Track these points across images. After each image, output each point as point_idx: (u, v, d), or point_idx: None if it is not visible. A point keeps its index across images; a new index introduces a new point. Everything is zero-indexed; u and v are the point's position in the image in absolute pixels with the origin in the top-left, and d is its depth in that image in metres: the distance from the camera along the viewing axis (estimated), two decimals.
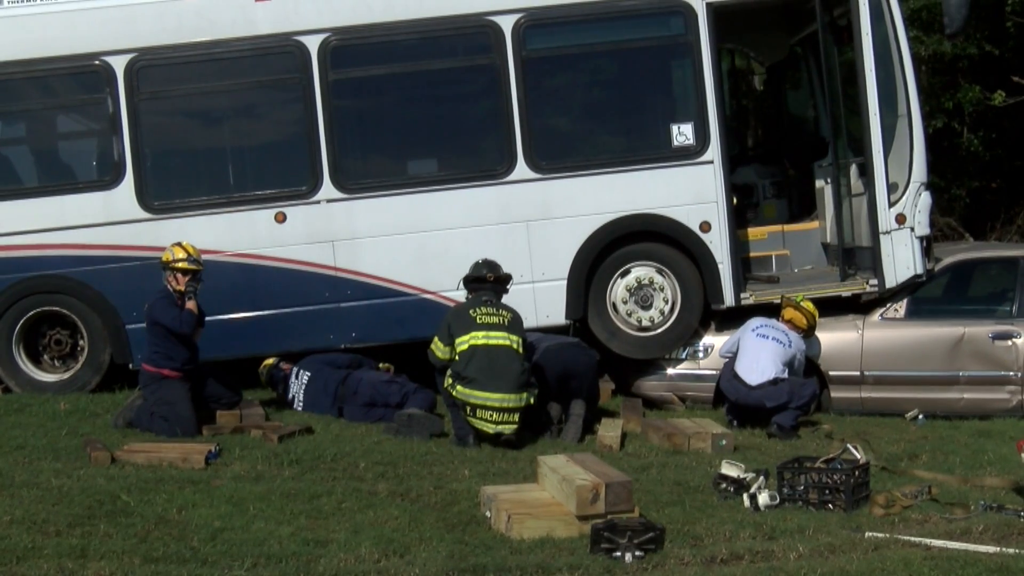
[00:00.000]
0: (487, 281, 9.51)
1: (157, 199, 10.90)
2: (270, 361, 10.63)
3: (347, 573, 6.07)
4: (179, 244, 9.74)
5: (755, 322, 10.33)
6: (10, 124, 11.64)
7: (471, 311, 9.22)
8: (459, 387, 8.96)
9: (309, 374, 10.21)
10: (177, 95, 11.13)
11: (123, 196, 10.85)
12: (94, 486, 7.57)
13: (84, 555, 6.21)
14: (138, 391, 9.81)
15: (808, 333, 10.45)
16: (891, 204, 10.89)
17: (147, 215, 10.84)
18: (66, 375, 10.99)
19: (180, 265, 9.58)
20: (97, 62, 10.84)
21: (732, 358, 10.25)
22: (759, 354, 9.98)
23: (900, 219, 10.88)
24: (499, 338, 9.11)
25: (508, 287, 9.70)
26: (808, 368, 10.55)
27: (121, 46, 10.79)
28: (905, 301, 11.00)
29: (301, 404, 10.21)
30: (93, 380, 10.89)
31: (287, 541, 6.56)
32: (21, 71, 10.87)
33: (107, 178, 10.97)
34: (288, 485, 7.69)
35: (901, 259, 10.87)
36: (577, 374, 9.63)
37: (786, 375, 9.93)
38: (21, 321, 10.84)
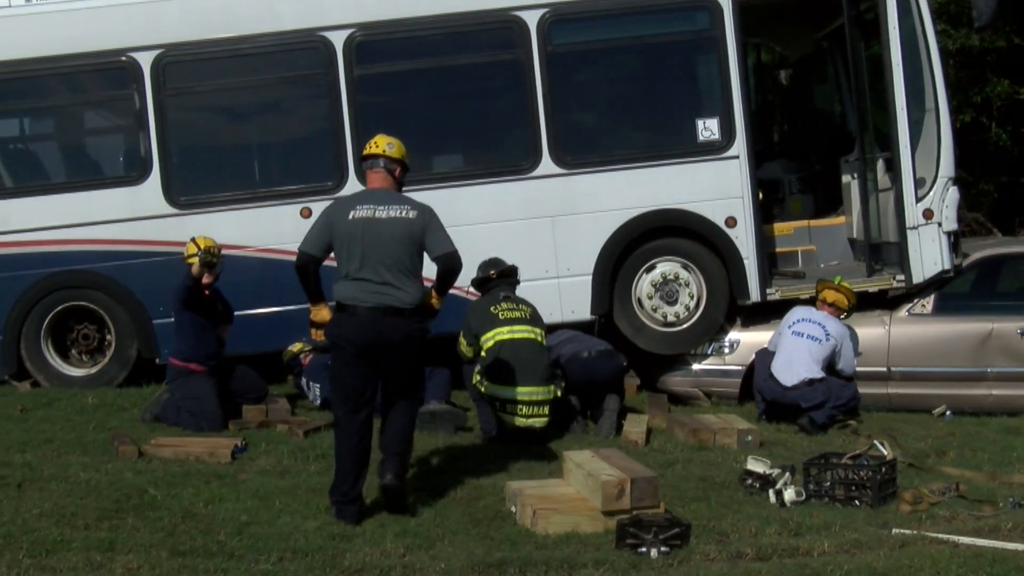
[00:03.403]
0: (493, 279, 9.52)
1: (183, 195, 10.95)
2: (297, 347, 10.60)
3: (372, 567, 6.08)
4: (192, 240, 9.75)
5: (794, 315, 10.14)
6: (38, 120, 11.73)
7: (492, 308, 9.22)
8: (487, 383, 8.97)
9: (319, 385, 10.19)
10: (203, 91, 11.17)
11: (149, 192, 10.91)
12: (122, 480, 7.62)
13: (112, 548, 6.25)
14: (165, 386, 9.86)
15: (849, 314, 10.21)
16: (918, 199, 10.84)
17: (173, 210, 10.89)
18: (94, 369, 11.07)
19: (192, 261, 9.58)
20: (124, 58, 10.90)
21: (768, 355, 10.14)
22: (793, 355, 9.83)
23: (927, 214, 10.82)
24: (523, 332, 9.12)
25: (519, 278, 9.69)
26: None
27: (147, 42, 10.85)
28: (932, 297, 10.94)
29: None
30: (120, 374, 10.96)
31: (313, 535, 6.57)
32: (49, 68, 10.93)
33: (134, 174, 11.04)
34: (314, 480, 7.70)
35: (928, 255, 10.82)
36: (601, 383, 9.62)
37: (822, 375, 9.78)
38: (49, 316, 10.92)
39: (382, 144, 7.33)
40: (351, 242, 7.03)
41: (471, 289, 9.93)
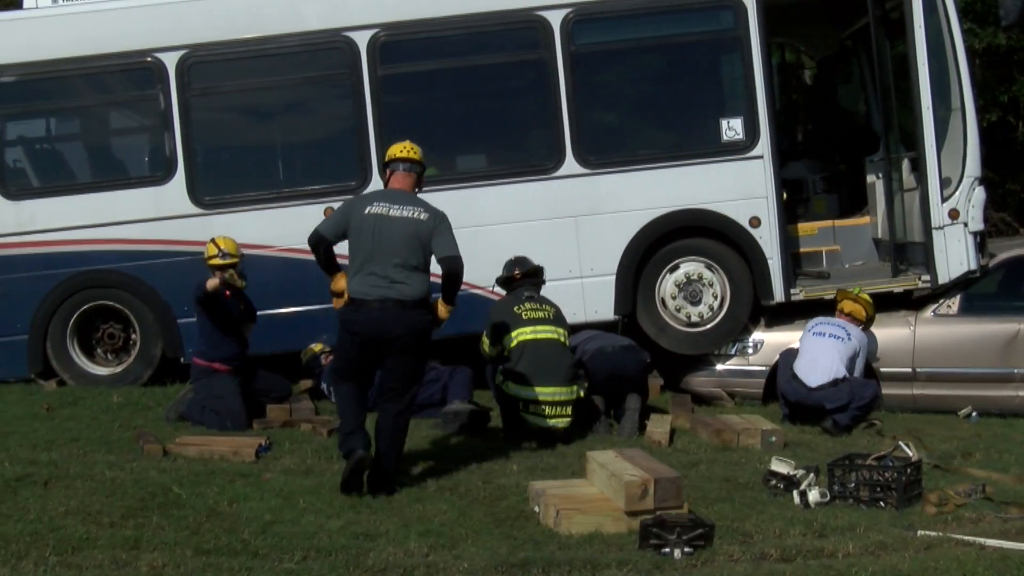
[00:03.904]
0: (517, 279, 9.52)
1: (207, 194, 11.00)
2: (317, 347, 10.63)
3: (396, 566, 6.08)
4: (211, 240, 9.80)
5: (813, 321, 10.24)
6: (64, 121, 11.80)
7: (515, 308, 9.22)
8: (510, 383, 8.97)
9: None
10: (227, 91, 11.23)
11: (174, 191, 10.96)
12: (147, 478, 7.66)
13: (137, 546, 6.28)
14: (189, 385, 9.90)
15: (867, 325, 10.29)
16: (944, 199, 10.78)
17: (198, 210, 10.93)
18: (119, 368, 11.13)
19: (213, 262, 9.65)
20: (149, 59, 10.95)
21: (791, 357, 10.13)
22: (817, 354, 9.83)
23: (953, 214, 10.77)
24: (547, 332, 9.12)
25: (544, 278, 9.69)
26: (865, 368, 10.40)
27: (172, 43, 10.90)
28: (958, 297, 10.88)
29: None
30: (145, 373, 11.02)
31: (336, 534, 6.59)
32: (75, 68, 11.00)
33: (159, 174, 11.09)
34: (338, 479, 7.69)
35: (954, 255, 10.76)
36: (625, 378, 9.60)
37: (846, 374, 9.78)
38: (75, 315, 10.99)
39: (416, 151, 7.86)
40: (362, 236, 7.52)
41: (495, 288, 9.94)
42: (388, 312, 7.45)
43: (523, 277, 9.54)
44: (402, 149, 7.84)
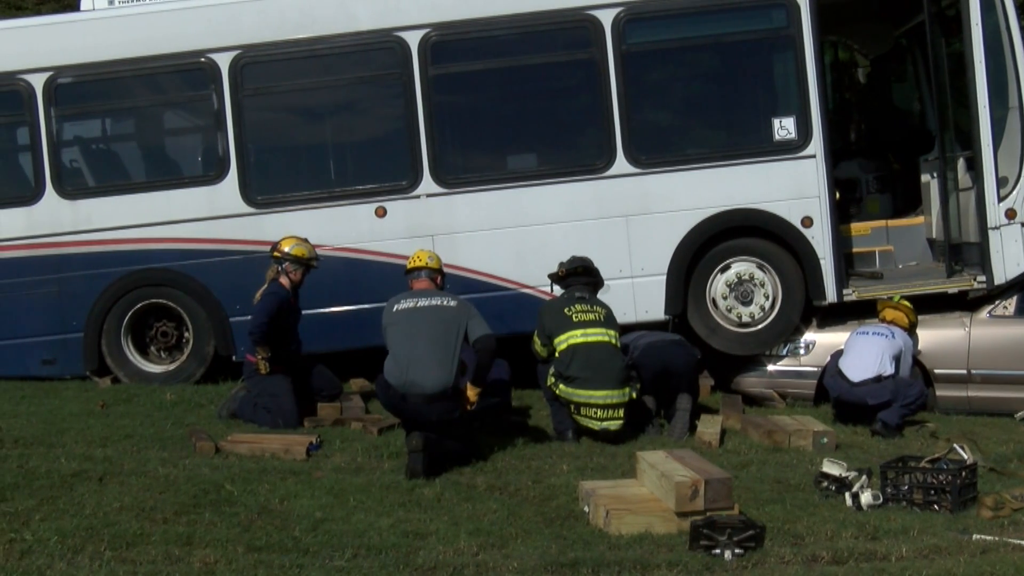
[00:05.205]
0: (563, 276, 9.50)
1: (260, 194, 11.08)
2: None
3: (446, 565, 6.10)
4: (306, 239, 9.90)
5: (858, 326, 10.31)
6: (119, 121, 11.91)
7: (565, 309, 9.20)
8: (562, 386, 8.96)
9: None
10: (280, 91, 11.28)
11: (227, 191, 11.04)
12: (199, 475, 7.72)
13: (190, 542, 6.34)
14: (241, 382, 9.98)
15: (911, 330, 10.26)
16: (1001, 199, 10.66)
17: (250, 210, 11.02)
18: (172, 366, 11.24)
19: (314, 264, 9.82)
20: (202, 59, 11.04)
21: (836, 355, 10.10)
22: (863, 350, 9.83)
23: (1010, 214, 10.64)
24: (597, 334, 9.09)
25: (598, 279, 9.66)
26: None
27: (226, 43, 10.99)
28: (1015, 298, 10.73)
29: None
30: (198, 371, 11.12)
31: (387, 532, 6.61)
32: (129, 69, 11.11)
33: (212, 173, 11.18)
34: (388, 477, 7.75)
35: (1011, 255, 10.64)
36: (676, 373, 9.55)
37: (892, 370, 9.72)
38: (129, 313, 11.11)
39: (424, 257, 8.77)
40: (395, 329, 8.29)
41: (553, 290, 9.95)
42: (410, 402, 8.15)
43: (568, 275, 9.50)
44: (415, 260, 8.75)
